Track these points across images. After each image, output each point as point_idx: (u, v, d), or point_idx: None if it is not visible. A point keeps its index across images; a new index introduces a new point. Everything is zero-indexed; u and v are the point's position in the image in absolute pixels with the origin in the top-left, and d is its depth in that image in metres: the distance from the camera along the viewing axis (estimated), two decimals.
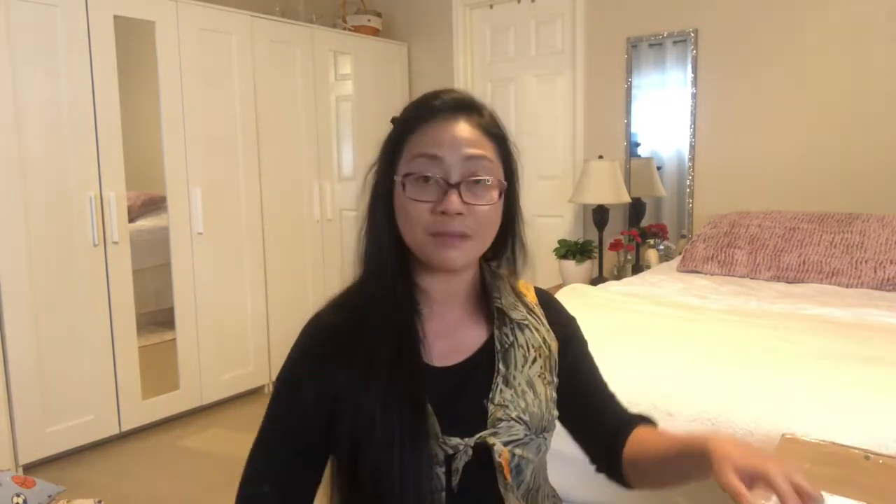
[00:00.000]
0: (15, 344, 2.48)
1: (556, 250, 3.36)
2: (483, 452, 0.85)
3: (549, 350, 0.96)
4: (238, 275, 3.26)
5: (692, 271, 2.81)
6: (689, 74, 3.26)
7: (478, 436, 0.85)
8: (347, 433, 0.83)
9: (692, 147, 3.31)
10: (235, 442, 2.85)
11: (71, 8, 2.58)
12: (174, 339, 3.03)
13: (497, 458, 0.85)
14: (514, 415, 0.87)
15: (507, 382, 0.89)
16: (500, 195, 0.87)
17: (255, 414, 3.43)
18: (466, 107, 0.87)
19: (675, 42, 3.32)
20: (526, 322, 0.95)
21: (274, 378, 3.58)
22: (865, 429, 1.26)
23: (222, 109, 3.15)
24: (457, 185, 0.82)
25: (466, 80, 4.02)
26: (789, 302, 2.23)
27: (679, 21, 3.27)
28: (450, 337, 0.90)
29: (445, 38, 4.05)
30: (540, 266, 4.00)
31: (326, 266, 3.72)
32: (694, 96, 3.27)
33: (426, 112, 0.86)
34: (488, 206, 0.84)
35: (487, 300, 0.95)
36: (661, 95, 3.41)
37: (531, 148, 3.85)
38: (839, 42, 2.88)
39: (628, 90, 3.47)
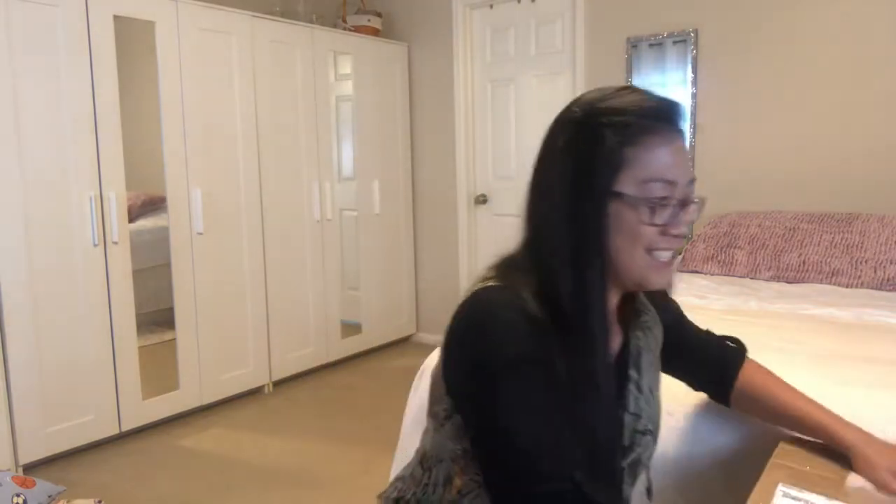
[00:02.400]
0: (15, 344, 2.48)
1: None
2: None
3: (659, 347, 0.99)
4: (238, 275, 3.26)
5: (692, 271, 2.81)
6: (689, 74, 3.26)
7: (631, 457, 0.89)
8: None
9: (692, 147, 3.31)
10: (235, 442, 2.85)
11: (71, 8, 2.58)
12: (174, 339, 3.03)
13: (649, 483, 0.91)
14: (648, 426, 0.90)
15: (639, 388, 0.90)
16: (700, 211, 0.86)
17: (256, 414, 3.45)
18: (681, 118, 0.84)
19: (675, 42, 3.32)
20: (648, 323, 0.96)
21: (273, 378, 3.55)
22: (865, 429, 1.26)
23: (222, 109, 3.15)
24: (685, 207, 0.82)
25: (466, 80, 4.02)
26: (789, 302, 2.23)
27: (679, 21, 3.27)
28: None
29: (445, 38, 4.05)
30: None
31: (326, 266, 3.72)
32: (694, 96, 3.27)
33: (646, 120, 0.80)
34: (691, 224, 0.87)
35: (623, 303, 0.93)
36: None
37: (531, 148, 3.84)
38: (839, 42, 2.88)
39: None
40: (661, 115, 0.81)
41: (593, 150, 0.80)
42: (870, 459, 0.89)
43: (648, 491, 0.95)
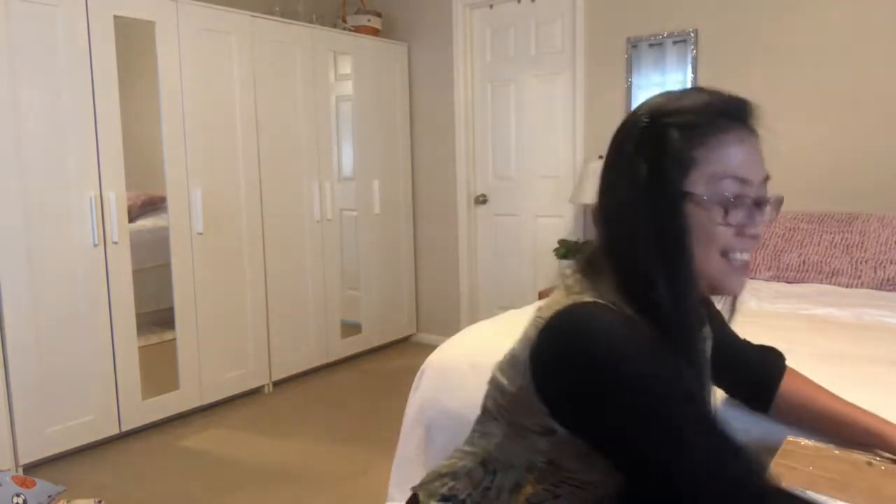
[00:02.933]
0: (15, 343, 2.48)
1: (556, 250, 3.36)
2: None
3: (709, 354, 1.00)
4: (238, 275, 3.26)
5: None
6: (689, 74, 3.26)
7: None
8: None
9: None
10: (235, 442, 2.85)
11: (71, 8, 2.58)
12: (174, 339, 3.03)
13: None
14: None
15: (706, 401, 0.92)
16: (777, 210, 0.84)
17: (256, 414, 3.45)
18: (755, 116, 0.81)
19: (675, 42, 3.32)
20: (705, 334, 0.96)
21: (273, 378, 3.54)
22: None
23: (222, 110, 3.15)
24: (762, 206, 0.80)
25: (466, 80, 4.02)
26: (789, 302, 2.23)
27: (679, 21, 3.27)
28: None
29: (445, 38, 4.05)
30: (540, 266, 4.02)
31: (326, 266, 3.72)
32: None
33: (716, 118, 0.78)
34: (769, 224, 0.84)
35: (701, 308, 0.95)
36: None
37: (531, 148, 3.85)
38: (839, 42, 2.88)
39: (628, 90, 3.47)
40: (731, 112, 0.79)
41: (662, 152, 0.78)
42: None
43: None
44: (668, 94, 0.84)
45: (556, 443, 0.83)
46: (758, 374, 1.09)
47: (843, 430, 1.03)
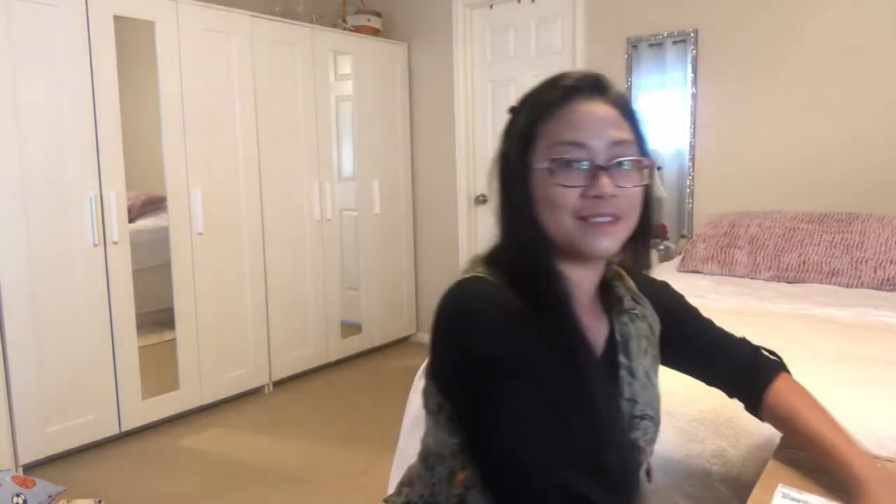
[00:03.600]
0: (15, 344, 2.48)
1: None
2: None
3: (655, 336, 0.97)
4: (238, 275, 3.26)
5: (692, 271, 2.81)
6: (689, 74, 3.26)
7: (632, 438, 0.88)
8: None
9: (692, 147, 3.31)
10: (235, 442, 2.85)
11: (71, 8, 2.58)
12: (174, 339, 3.03)
13: (649, 467, 0.89)
14: (644, 411, 0.89)
15: (632, 374, 0.89)
16: (649, 174, 0.84)
17: (256, 414, 3.44)
18: (600, 86, 0.84)
19: (675, 42, 3.32)
20: (636, 311, 0.95)
21: (273, 378, 3.54)
22: (864, 428, 1.26)
23: (222, 109, 3.15)
24: (605, 168, 0.80)
25: (466, 80, 4.02)
26: (789, 302, 2.23)
27: (679, 21, 3.27)
28: (589, 331, 0.85)
29: (445, 38, 4.05)
30: None
31: (326, 266, 3.72)
32: (694, 96, 3.27)
33: (558, 94, 0.83)
34: (637, 188, 0.83)
35: (602, 291, 0.93)
36: (661, 95, 3.41)
37: None
38: (839, 42, 2.88)
39: (628, 90, 3.47)
40: (576, 85, 0.83)
41: (512, 135, 0.85)
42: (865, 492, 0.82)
43: (648, 473, 0.93)
44: (537, 83, 0.88)
45: (450, 420, 0.83)
46: (745, 376, 1.04)
47: (811, 446, 0.95)
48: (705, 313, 2.14)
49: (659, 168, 3.49)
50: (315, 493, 2.39)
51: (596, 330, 0.89)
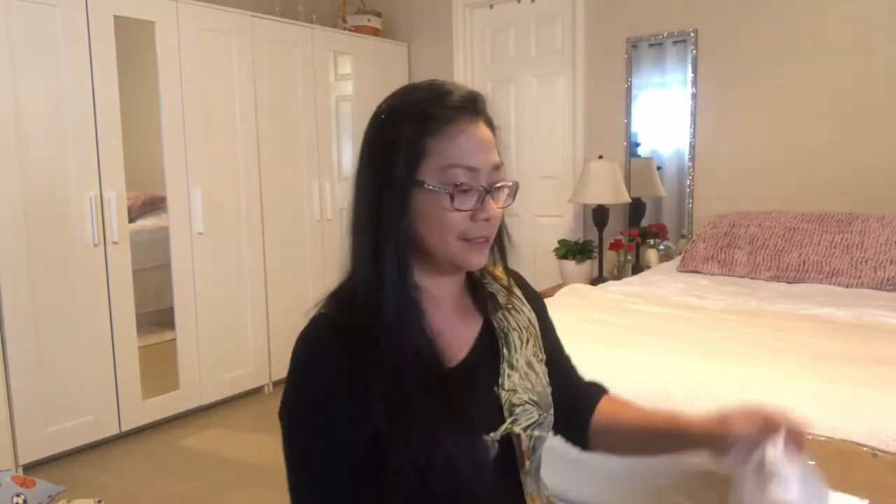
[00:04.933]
0: (15, 344, 2.48)
1: (556, 250, 3.36)
2: (504, 442, 0.87)
3: (535, 328, 0.98)
4: (238, 275, 3.26)
5: (692, 271, 2.81)
6: (689, 74, 3.26)
7: (503, 428, 0.87)
8: (402, 452, 0.80)
9: (692, 147, 3.31)
10: (235, 442, 2.85)
11: (71, 8, 2.58)
12: (174, 339, 3.03)
13: (522, 448, 0.88)
14: (525, 398, 0.90)
15: (511, 366, 0.91)
16: (514, 195, 0.88)
17: (256, 414, 3.43)
18: (481, 106, 0.86)
19: (675, 42, 3.32)
20: (510, 305, 0.97)
21: (274, 378, 3.54)
22: (864, 428, 1.26)
23: (222, 110, 3.15)
24: (491, 191, 0.84)
25: (466, 80, 4.02)
26: (789, 302, 2.23)
27: (679, 21, 3.27)
28: (449, 334, 0.89)
29: (445, 38, 4.05)
30: (540, 266, 4.01)
31: (326, 266, 3.72)
32: (694, 96, 3.27)
33: (448, 111, 0.83)
34: (504, 209, 0.87)
35: (472, 290, 0.96)
36: (661, 95, 3.41)
37: (531, 148, 3.85)
38: (839, 42, 2.88)
39: (628, 90, 3.47)
40: (461, 103, 0.83)
41: (395, 143, 0.82)
42: (728, 421, 0.86)
43: (538, 470, 0.94)
44: (407, 87, 0.88)
45: None
46: (575, 408, 1.01)
47: (657, 441, 0.95)
48: (706, 314, 2.14)
49: (659, 168, 3.49)
50: None
51: (465, 330, 0.92)
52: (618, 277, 3.17)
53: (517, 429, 0.87)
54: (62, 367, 2.61)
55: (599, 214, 3.32)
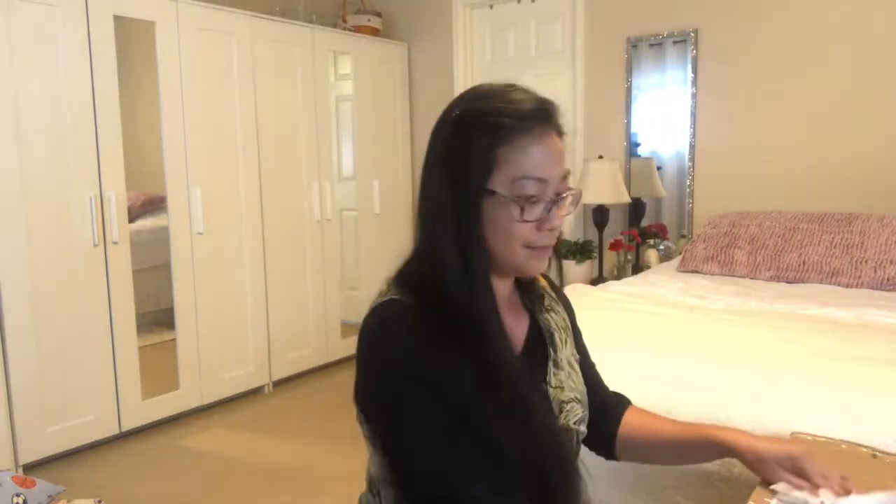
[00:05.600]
0: (15, 344, 2.47)
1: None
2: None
3: (570, 328, 1.02)
4: (238, 275, 3.26)
5: (692, 271, 2.81)
6: (689, 74, 3.26)
7: (560, 424, 0.90)
8: (489, 419, 0.81)
9: (692, 147, 3.31)
10: (235, 442, 2.85)
11: (71, 8, 2.58)
12: (174, 339, 3.03)
13: (579, 440, 0.91)
14: (571, 395, 0.93)
15: (557, 365, 0.94)
16: (577, 202, 0.90)
17: (256, 414, 3.43)
18: (554, 116, 0.86)
19: (675, 42, 3.32)
20: (551, 307, 1.00)
21: (274, 378, 3.54)
22: (864, 429, 1.26)
23: (222, 109, 3.15)
24: (560, 201, 0.85)
25: (466, 80, 4.02)
26: (789, 302, 2.23)
27: (679, 21, 3.27)
28: (511, 324, 0.92)
29: (445, 38, 4.05)
30: None
31: (326, 266, 3.72)
32: (694, 96, 3.27)
33: (517, 121, 0.82)
34: (568, 216, 0.89)
35: (520, 290, 0.98)
36: (661, 95, 3.41)
37: None
38: (839, 42, 2.88)
39: (628, 90, 3.47)
40: (534, 114, 0.83)
41: (468, 150, 0.82)
42: (758, 451, 0.90)
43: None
44: (483, 90, 0.87)
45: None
46: (602, 418, 1.02)
47: (686, 451, 0.99)
48: (706, 314, 2.14)
49: (659, 168, 3.49)
50: (315, 492, 2.38)
51: (516, 328, 0.94)
52: (618, 277, 3.17)
53: (572, 425, 0.91)
54: (62, 367, 2.61)
55: (599, 214, 3.32)
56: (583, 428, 0.94)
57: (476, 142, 0.82)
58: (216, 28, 3.10)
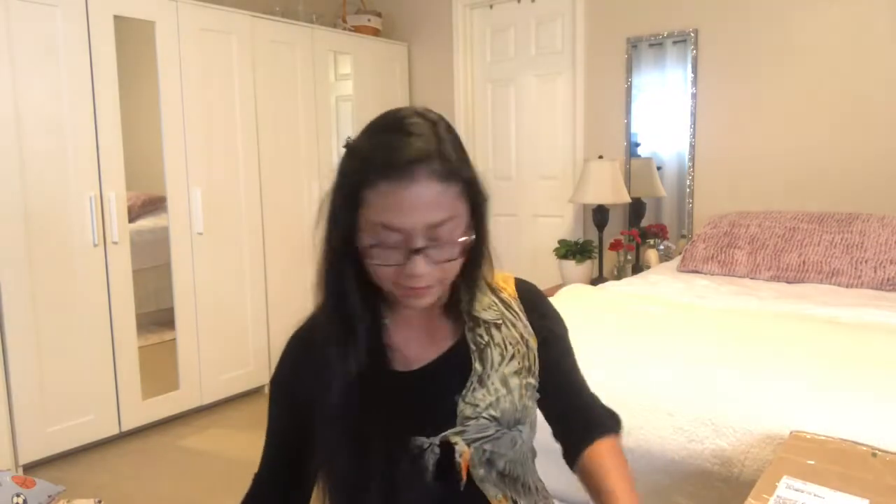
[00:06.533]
0: (15, 344, 2.48)
1: (556, 250, 3.36)
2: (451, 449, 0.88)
3: (528, 346, 0.97)
4: (238, 275, 3.26)
5: (692, 271, 2.81)
6: (689, 74, 3.26)
7: (442, 434, 0.88)
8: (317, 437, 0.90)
9: (692, 147, 3.31)
10: (235, 442, 2.85)
11: (71, 8, 2.58)
12: (174, 339, 3.03)
13: (457, 458, 0.87)
14: (484, 413, 0.90)
15: (481, 382, 0.91)
16: (463, 250, 0.85)
17: (256, 414, 3.43)
18: (430, 156, 0.80)
19: (675, 42, 3.32)
20: (500, 321, 0.96)
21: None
22: (864, 429, 1.26)
23: (222, 109, 3.15)
24: (421, 250, 0.81)
25: (466, 80, 4.02)
26: (789, 302, 2.23)
27: (679, 21, 3.27)
28: (418, 341, 0.93)
29: (445, 38, 4.05)
30: (540, 266, 4.02)
31: None
32: (694, 96, 3.27)
33: (387, 166, 0.79)
34: (452, 259, 0.84)
35: (458, 304, 0.95)
36: (661, 95, 3.41)
37: (531, 148, 3.85)
38: (839, 42, 2.88)
39: (628, 90, 3.47)
40: (405, 160, 0.79)
41: (341, 183, 0.84)
42: None
43: (501, 474, 0.93)
44: (378, 121, 0.86)
45: None
46: (571, 430, 1.00)
47: None
48: (706, 314, 2.14)
49: (659, 168, 3.49)
50: (314, 492, 2.38)
51: (440, 337, 0.94)
52: (618, 277, 3.17)
53: (457, 439, 0.88)
54: (62, 367, 2.61)
55: (599, 214, 3.32)
56: (490, 447, 0.89)
57: (347, 178, 0.83)
58: (216, 28, 3.10)
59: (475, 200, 0.88)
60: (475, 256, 0.91)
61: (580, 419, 1.00)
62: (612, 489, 0.89)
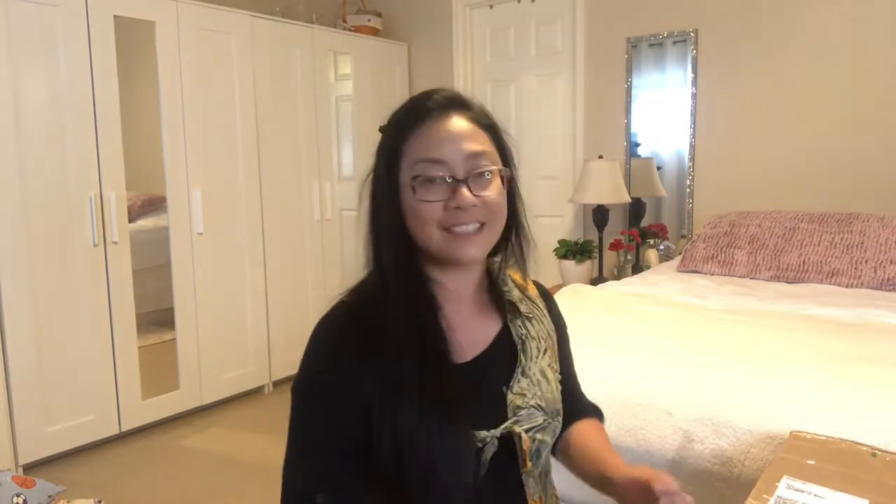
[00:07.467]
0: (15, 344, 2.48)
1: (556, 250, 3.36)
2: (506, 441, 0.88)
3: (553, 340, 1.01)
4: (238, 275, 3.26)
5: (692, 271, 2.81)
6: (689, 74, 3.26)
7: (503, 427, 0.88)
8: (386, 433, 0.82)
9: (692, 147, 3.31)
10: (235, 442, 2.85)
11: (71, 8, 2.58)
12: (174, 339, 3.03)
13: (522, 447, 0.88)
14: (532, 402, 0.91)
15: (524, 373, 0.93)
16: (505, 182, 0.90)
17: (256, 414, 3.43)
18: (455, 103, 0.89)
19: (675, 42, 3.32)
20: (531, 315, 1.00)
21: (274, 378, 3.56)
22: (864, 429, 1.26)
23: (222, 110, 3.15)
24: (464, 181, 0.85)
25: (466, 80, 4.02)
26: (789, 302, 2.23)
27: (679, 21, 3.27)
28: (464, 331, 0.91)
29: (445, 38, 4.05)
30: (540, 266, 4.01)
31: (326, 266, 3.72)
32: (694, 96, 3.27)
33: (417, 115, 0.88)
34: (497, 194, 0.87)
35: (495, 294, 0.98)
36: (661, 95, 3.41)
37: (531, 148, 3.85)
38: (839, 42, 2.88)
39: (628, 90, 3.47)
40: (431, 105, 0.88)
41: (380, 155, 0.90)
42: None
43: (545, 474, 0.95)
44: (405, 101, 0.93)
45: None
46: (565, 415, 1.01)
47: (597, 477, 0.93)
48: (705, 314, 2.14)
49: (659, 168, 3.49)
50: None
51: (482, 329, 0.95)
52: (618, 277, 3.17)
53: (518, 429, 0.88)
54: (62, 367, 2.61)
55: (599, 214, 3.32)
56: (540, 436, 0.90)
57: (385, 144, 0.90)
58: (216, 28, 3.10)
59: (505, 157, 0.92)
60: (513, 217, 0.95)
61: (574, 406, 1.04)
62: (610, 459, 0.92)
